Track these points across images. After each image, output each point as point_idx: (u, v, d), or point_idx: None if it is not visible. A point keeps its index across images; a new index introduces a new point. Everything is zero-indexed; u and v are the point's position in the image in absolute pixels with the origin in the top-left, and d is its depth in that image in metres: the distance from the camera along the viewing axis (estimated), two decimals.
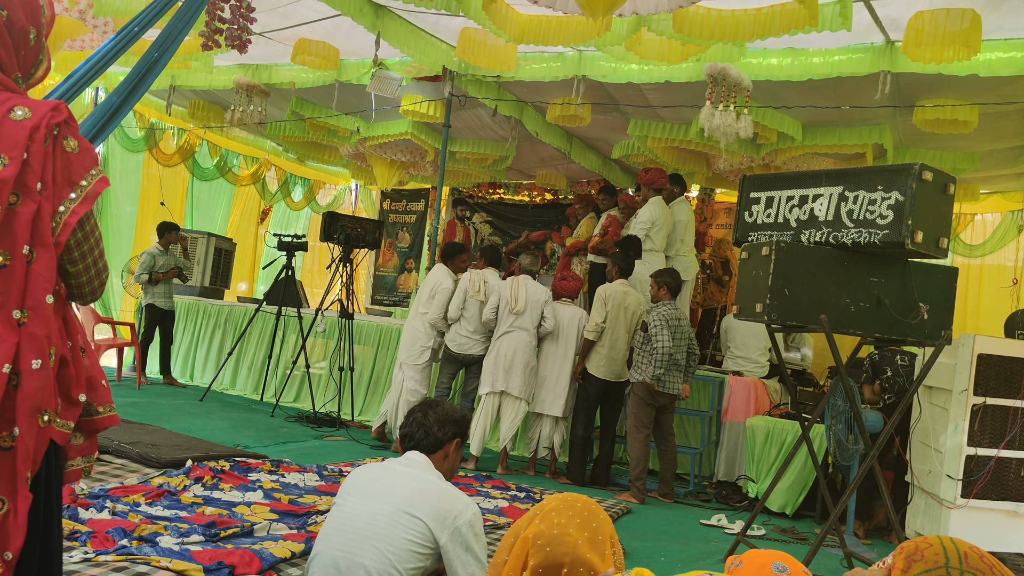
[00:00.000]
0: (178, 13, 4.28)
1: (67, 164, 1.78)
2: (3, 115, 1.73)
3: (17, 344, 1.68)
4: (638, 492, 5.83)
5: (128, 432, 5.40)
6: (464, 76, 7.28)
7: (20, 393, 1.69)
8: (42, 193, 1.72)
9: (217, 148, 11.11)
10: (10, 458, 1.69)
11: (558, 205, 10.95)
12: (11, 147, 1.69)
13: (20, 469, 1.69)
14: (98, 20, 6.55)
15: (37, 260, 1.71)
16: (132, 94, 4.13)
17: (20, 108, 1.74)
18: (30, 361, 1.70)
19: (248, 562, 3.14)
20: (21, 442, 1.69)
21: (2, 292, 1.68)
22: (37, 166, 1.71)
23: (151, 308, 8.69)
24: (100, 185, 1.83)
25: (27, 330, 1.70)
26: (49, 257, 1.73)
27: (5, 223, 1.68)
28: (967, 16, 4.80)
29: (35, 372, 1.70)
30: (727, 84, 5.97)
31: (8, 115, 1.73)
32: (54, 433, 1.78)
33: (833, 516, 4.15)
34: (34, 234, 1.71)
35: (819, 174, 4.10)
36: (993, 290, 9.00)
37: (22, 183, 1.70)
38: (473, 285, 6.50)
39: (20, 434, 1.69)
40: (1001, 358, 4.57)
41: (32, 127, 1.72)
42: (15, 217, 1.69)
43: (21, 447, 1.69)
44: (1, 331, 1.67)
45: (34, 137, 1.71)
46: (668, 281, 6.00)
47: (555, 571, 1.96)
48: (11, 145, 1.69)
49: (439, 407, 2.83)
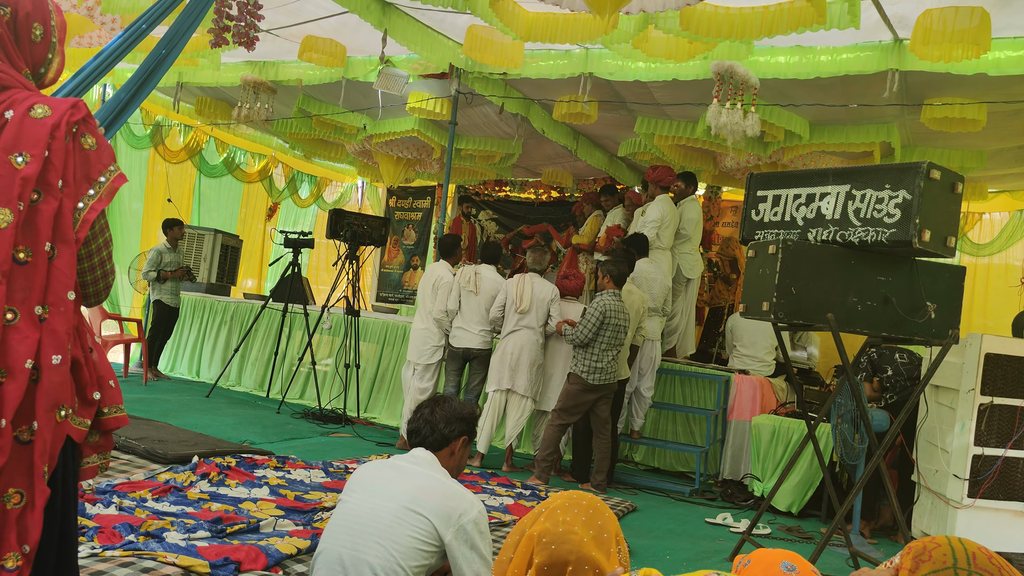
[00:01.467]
0: (186, 10, 4.29)
1: (86, 161, 1.80)
2: (23, 113, 1.74)
3: (39, 340, 1.70)
4: (542, 472, 5.86)
5: (135, 428, 5.42)
6: (471, 73, 7.28)
7: (40, 388, 1.71)
8: (63, 190, 1.74)
9: (224, 145, 11.13)
10: (28, 452, 1.70)
11: (564, 203, 10.94)
12: (33, 145, 1.71)
13: (38, 463, 1.70)
14: (106, 17, 6.57)
15: (58, 257, 1.74)
16: (140, 91, 4.14)
17: (40, 106, 1.75)
18: (50, 356, 1.71)
19: (254, 558, 3.15)
20: (39, 436, 1.71)
21: (25, 288, 1.69)
22: (59, 163, 1.73)
23: (159, 304, 8.73)
24: (118, 181, 1.85)
25: (48, 326, 1.72)
26: (70, 254, 1.75)
27: (28, 220, 1.70)
28: (976, 14, 4.78)
29: (55, 368, 1.72)
30: (734, 82, 5.95)
31: (28, 113, 1.74)
32: (71, 430, 1.79)
33: (839, 515, 4.14)
34: (56, 231, 1.73)
35: (826, 172, 4.09)
36: (1001, 289, 8.96)
37: (44, 180, 1.72)
38: (464, 276, 6.53)
39: (39, 428, 1.70)
40: (1009, 358, 4.56)
41: (53, 125, 1.73)
42: (38, 214, 1.71)
43: (39, 441, 1.71)
44: (24, 327, 1.68)
45: (55, 135, 1.73)
46: (611, 270, 5.97)
47: (560, 569, 1.96)
48: (33, 143, 1.71)
49: (447, 404, 2.82)
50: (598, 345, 5.80)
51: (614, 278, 5.94)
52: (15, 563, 1.67)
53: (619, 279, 5.96)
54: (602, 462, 5.96)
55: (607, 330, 5.79)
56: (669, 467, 7.03)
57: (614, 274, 5.94)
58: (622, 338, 5.88)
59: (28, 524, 1.69)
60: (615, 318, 5.80)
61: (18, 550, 1.68)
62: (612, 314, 5.79)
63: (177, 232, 8.87)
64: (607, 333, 5.79)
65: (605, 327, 5.78)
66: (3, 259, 1.66)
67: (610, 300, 5.84)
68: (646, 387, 6.75)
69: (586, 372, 5.82)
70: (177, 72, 8.49)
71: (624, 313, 5.88)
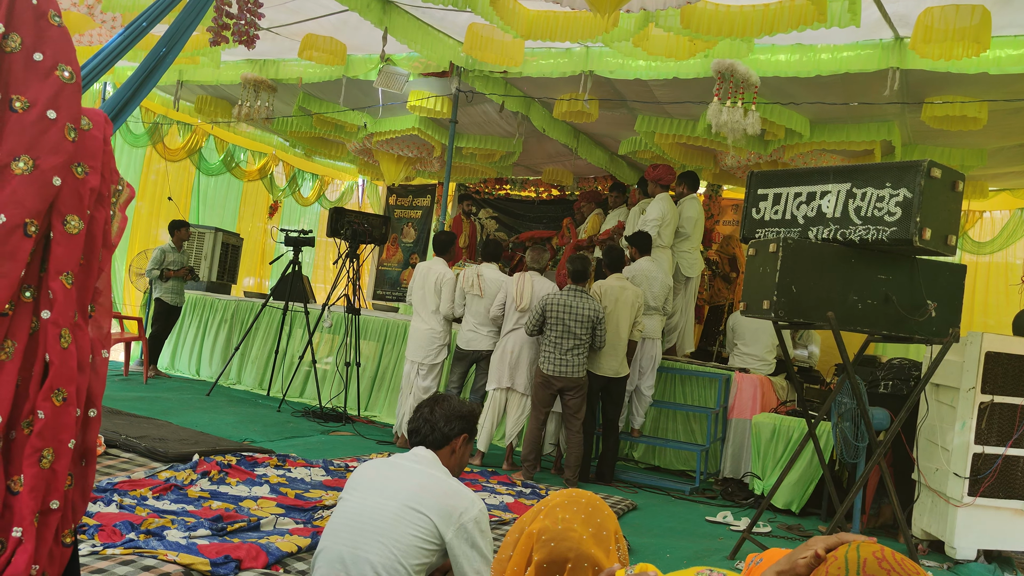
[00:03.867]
0: (186, 8, 4.29)
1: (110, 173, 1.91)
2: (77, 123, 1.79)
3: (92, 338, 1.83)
4: (525, 470, 5.91)
5: (136, 426, 5.42)
6: (471, 72, 7.28)
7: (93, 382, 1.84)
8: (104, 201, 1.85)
9: (224, 143, 11.13)
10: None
11: (565, 201, 10.93)
12: (91, 156, 1.77)
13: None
14: (106, 15, 6.57)
15: (103, 260, 1.86)
16: (140, 89, 4.14)
17: (83, 117, 1.81)
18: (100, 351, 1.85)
19: (254, 556, 3.16)
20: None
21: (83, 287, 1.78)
22: (107, 175, 1.82)
23: (159, 302, 8.74)
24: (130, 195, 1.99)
25: (95, 322, 1.84)
26: (108, 258, 1.87)
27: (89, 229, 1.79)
28: (976, 12, 4.77)
29: (104, 361, 1.87)
30: (735, 80, 5.95)
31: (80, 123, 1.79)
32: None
33: (839, 513, 4.14)
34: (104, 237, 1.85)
35: (827, 171, 4.09)
36: (1001, 287, 8.96)
37: (98, 192, 1.81)
38: (467, 280, 6.52)
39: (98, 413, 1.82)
40: (1009, 356, 4.56)
41: (103, 138, 1.81)
42: (94, 223, 1.79)
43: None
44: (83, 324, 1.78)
45: (105, 149, 1.81)
46: (568, 267, 6.06)
47: (559, 567, 1.96)
48: (91, 155, 1.78)
49: (446, 402, 2.82)
50: (546, 337, 5.92)
51: (570, 274, 6.02)
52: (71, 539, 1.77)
53: (574, 275, 6.00)
54: (570, 457, 6.01)
55: (551, 323, 5.88)
56: (669, 465, 7.03)
57: (570, 271, 6.04)
58: (579, 332, 5.86)
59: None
60: (557, 312, 5.87)
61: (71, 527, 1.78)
62: (553, 308, 5.88)
63: (184, 234, 8.92)
64: (552, 326, 5.87)
65: (548, 320, 5.89)
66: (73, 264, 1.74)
67: (555, 296, 5.94)
68: (647, 385, 6.76)
69: (541, 362, 5.96)
70: (177, 70, 8.49)
71: (572, 309, 5.87)
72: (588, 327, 5.88)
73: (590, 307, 5.90)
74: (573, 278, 5.99)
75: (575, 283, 5.98)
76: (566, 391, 5.93)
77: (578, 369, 5.92)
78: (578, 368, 5.92)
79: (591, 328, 5.90)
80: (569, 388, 5.91)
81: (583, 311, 5.87)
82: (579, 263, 6.04)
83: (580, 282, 5.99)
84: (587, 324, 5.87)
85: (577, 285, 5.97)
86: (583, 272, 6.01)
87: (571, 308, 5.87)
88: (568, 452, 6.03)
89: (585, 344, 5.91)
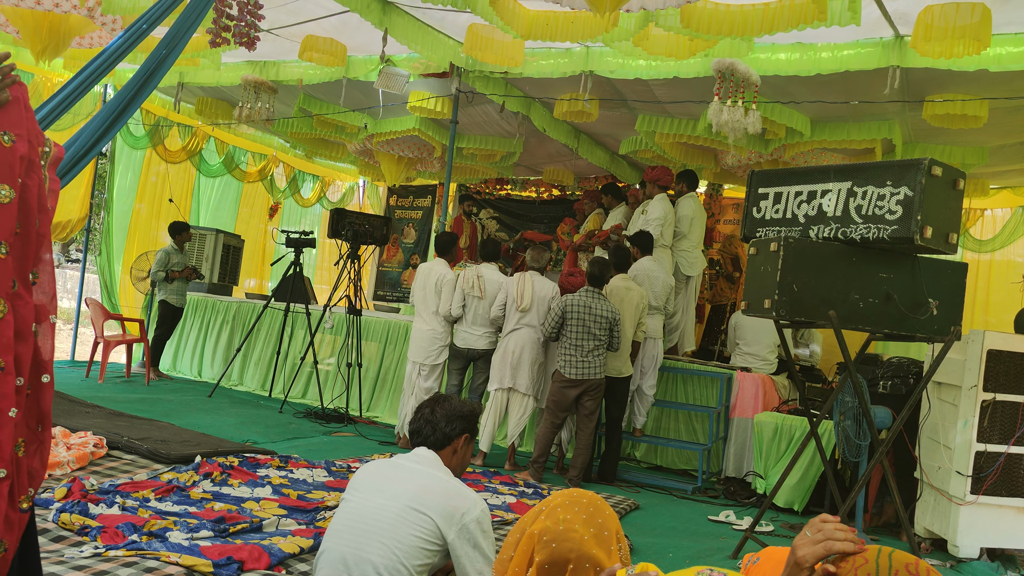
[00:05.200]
0: (186, 10, 4.30)
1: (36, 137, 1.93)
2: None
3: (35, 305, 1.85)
4: (534, 472, 5.90)
5: (138, 428, 5.43)
6: (472, 72, 7.28)
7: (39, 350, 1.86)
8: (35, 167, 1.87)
9: (224, 145, 11.13)
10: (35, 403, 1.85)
11: (565, 201, 10.93)
12: (15, 124, 1.81)
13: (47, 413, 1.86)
14: (106, 18, 6.57)
15: (43, 225, 1.88)
16: (141, 91, 4.15)
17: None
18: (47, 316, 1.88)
19: (257, 557, 3.16)
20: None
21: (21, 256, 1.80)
22: (34, 140, 1.85)
23: (164, 304, 8.76)
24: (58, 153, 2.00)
25: (40, 287, 1.87)
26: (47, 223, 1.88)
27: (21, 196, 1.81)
28: (977, 10, 4.77)
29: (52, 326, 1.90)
30: (735, 79, 5.94)
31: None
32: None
33: (842, 512, 4.13)
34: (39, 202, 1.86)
35: (828, 169, 4.09)
36: (1003, 286, 8.94)
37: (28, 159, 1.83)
38: (467, 282, 6.52)
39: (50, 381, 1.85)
40: (1011, 354, 4.56)
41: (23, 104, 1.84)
42: (27, 191, 1.81)
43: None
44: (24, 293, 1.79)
45: (27, 115, 1.84)
46: (587, 270, 6.07)
47: (561, 567, 1.96)
48: (15, 123, 1.81)
49: (447, 402, 2.83)
50: (566, 339, 5.90)
51: (588, 278, 6.04)
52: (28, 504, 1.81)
53: (592, 279, 6.01)
54: (578, 458, 6.01)
55: (571, 325, 5.86)
56: (671, 465, 7.03)
57: (586, 273, 6.07)
58: (598, 333, 5.87)
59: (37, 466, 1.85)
60: (578, 313, 5.87)
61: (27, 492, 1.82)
62: (573, 310, 5.89)
63: (186, 236, 8.96)
64: (573, 328, 5.86)
65: (568, 322, 5.87)
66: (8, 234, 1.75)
67: (574, 298, 5.93)
68: (648, 385, 6.76)
69: (562, 365, 5.93)
70: (178, 72, 8.49)
71: (592, 310, 5.88)
72: (606, 328, 5.90)
73: (608, 308, 5.95)
74: (591, 282, 6.01)
75: (593, 286, 5.99)
76: (586, 393, 5.94)
77: (599, 371, 5.96)
78: (599, 369, 5.96)
79: (609, 329, 5.92)
80: (590, 390, 5.93)
81: (602, 312, 5.91)
82: (597, 267, 6.06)
83: (598, 286, 6.01)
84: (605, 325, 5.89)
85: (594, 288, 5.99)
86: (601, 278, 6.04)
87: (591, 309, 5.89)
88: (576, 453, 6.02)
89: (604, 345, 5.94)
